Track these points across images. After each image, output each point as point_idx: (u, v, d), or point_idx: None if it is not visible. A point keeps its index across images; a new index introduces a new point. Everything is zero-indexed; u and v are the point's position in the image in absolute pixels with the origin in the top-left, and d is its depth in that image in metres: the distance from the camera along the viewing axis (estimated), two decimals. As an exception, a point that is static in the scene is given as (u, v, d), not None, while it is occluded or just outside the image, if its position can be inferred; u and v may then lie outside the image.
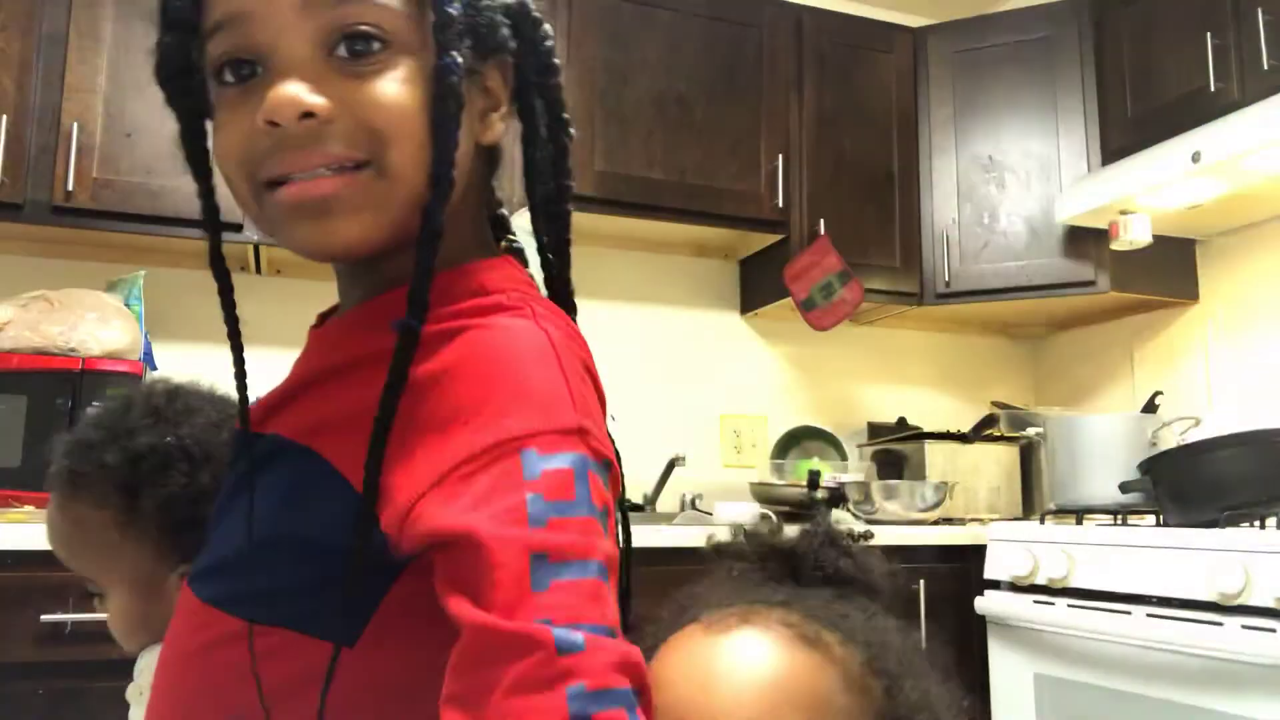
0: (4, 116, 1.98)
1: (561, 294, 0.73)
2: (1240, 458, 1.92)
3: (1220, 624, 1.64)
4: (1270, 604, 1.61)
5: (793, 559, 0.70)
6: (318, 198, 0.56)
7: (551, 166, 0.72)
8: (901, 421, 2.88)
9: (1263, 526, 1.89)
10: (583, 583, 0.48)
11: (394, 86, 0.56)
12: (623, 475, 0.60)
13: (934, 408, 3.04)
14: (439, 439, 0.52)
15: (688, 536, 1.93)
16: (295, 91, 0.54)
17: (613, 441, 0.58)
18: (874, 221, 2.70)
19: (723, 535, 0.75)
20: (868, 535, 0.74)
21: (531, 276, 0.70)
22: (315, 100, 0.55)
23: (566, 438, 0.52)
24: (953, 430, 2.69)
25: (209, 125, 0.64)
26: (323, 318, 0.74)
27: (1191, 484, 1.96)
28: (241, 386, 0.67)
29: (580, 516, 0.50)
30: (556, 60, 0.67)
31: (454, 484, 0.50)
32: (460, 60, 0.57)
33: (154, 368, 2.18)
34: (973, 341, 3.17)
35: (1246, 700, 1.58)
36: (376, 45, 0.56)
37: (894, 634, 0.66)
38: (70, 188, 2.01)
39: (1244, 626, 1.61)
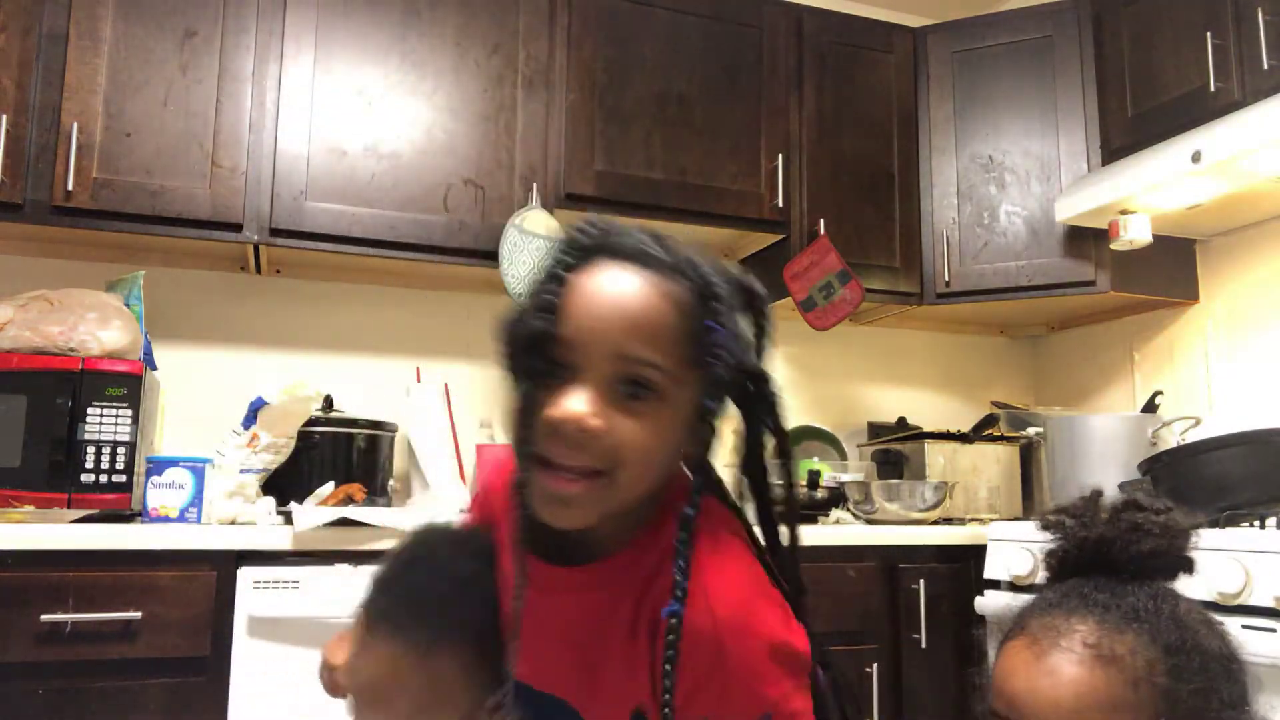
0: (4, 116, 1.98)
1: (784, 565, 0.89)
2: (1240, 458, 1.92)
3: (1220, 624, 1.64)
4: (1270, 604, 1.61)
5: (1103, 545, 0.79)
6: (563, 494, 0.77)
7: (780, 470, 0.89)
8: (901, 421, 2.88)
9: (1263, 526, 1.89)
10: None
11: (649, 427, 0.77)
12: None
13: (934, 408, 3.04)
14: (704, 699, 0.75)
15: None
16: (582, 412, 0.75)
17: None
18: (874, 221, 2.70)
19: (1051, 513, 0.86)
20: (1168, 509, 0.80)
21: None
22: (593, 424, 0.75)
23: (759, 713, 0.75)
24: (953, 430, 2.69)
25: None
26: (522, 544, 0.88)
27: (1191, 484, 1.96)
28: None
29: None
30: (779, 403, 0.86)
31: None
32: (715, 408, 0.81)
33: (154, 368, 2.18)
34: (973, 341, 3.17)
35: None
36: (649, 394, 0.77)
37: (1193, 628, 0.75)
38: (70, 188, 2.01)
39: (1244, 626, 1.61)
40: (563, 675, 0.84)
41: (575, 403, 0.75)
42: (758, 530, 0.91)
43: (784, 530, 0.90)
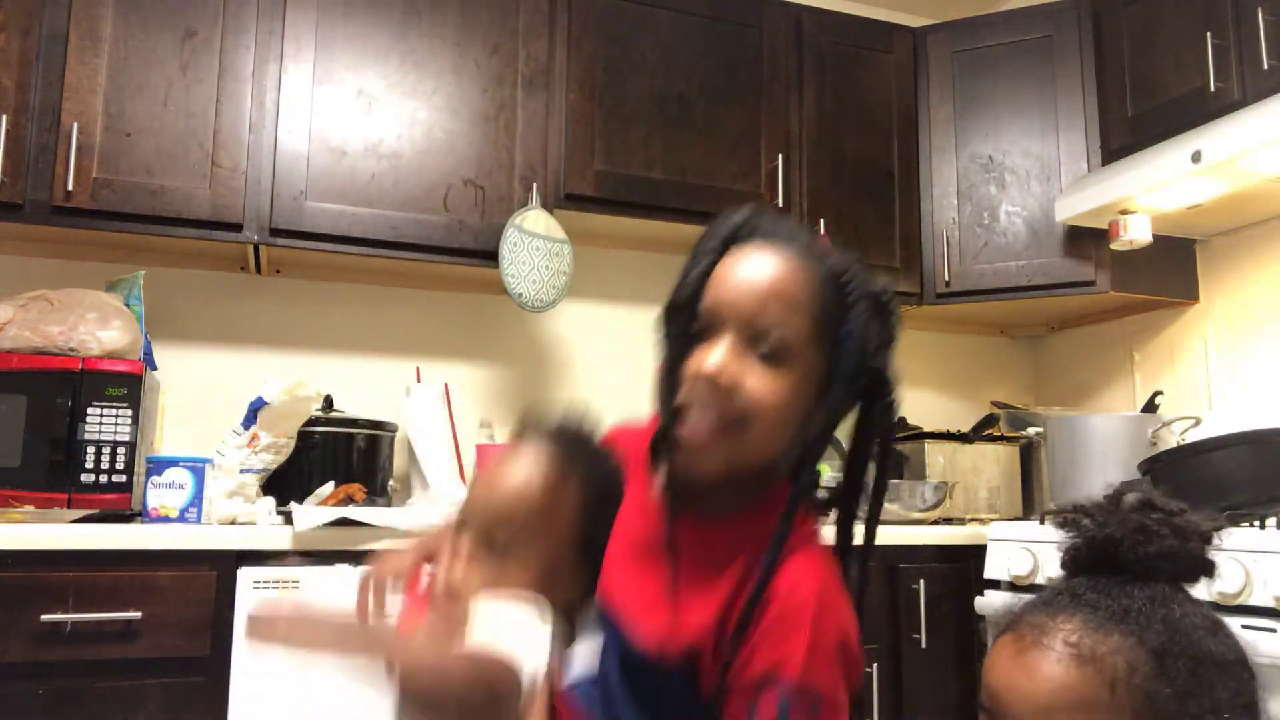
0: (4, 116, 1.98)
1: (861, 558, 0.98)
2: (1240, 458, 1.92)
3: (1220, 624, 1.64)
4: (1270, 604, 1.61)
5: (1110, 544, 0.78)
6: (700, 442, 0.85)
7: (879, 458, 0.96)
8: (901, 421, 2.88)
9: (1263, 526, 1.89)
10: None
11: (781, 387, 0.84)
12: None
13: (934, 408, 3.04)
14: (747, 666, 0.80)
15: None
16: (724, 364, 0.84)
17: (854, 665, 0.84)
18: (874, 221, 2.70)
19: (1070, 510, 0.85)
20: (1181, 510, 0.79)
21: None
22: (729, 377, 0.83)
23: (810, 697, 0.78)
24: (953, 430, 2.69)
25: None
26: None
27: (1191, 484, 1.96)
28: None
29: None
30: (896, 403, 0.92)
31: (739, 695, 0.80)
32: (840, 395, 0.87)
33: (153, 368, 2.18)
34: (973, 341, 3.17)
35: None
36: (781, 358, 0.84)
37: (1188, 631, 0.73)
38: (70, 188, 2.01)
39: (1244, 626, 1.61)
40: (638, 594, 0.89)
41: (715, 357, 0.84)
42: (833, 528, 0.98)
43: (861, 532, 0.97)
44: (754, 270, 0.87)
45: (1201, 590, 0.81)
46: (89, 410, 1.90)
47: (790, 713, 0.77)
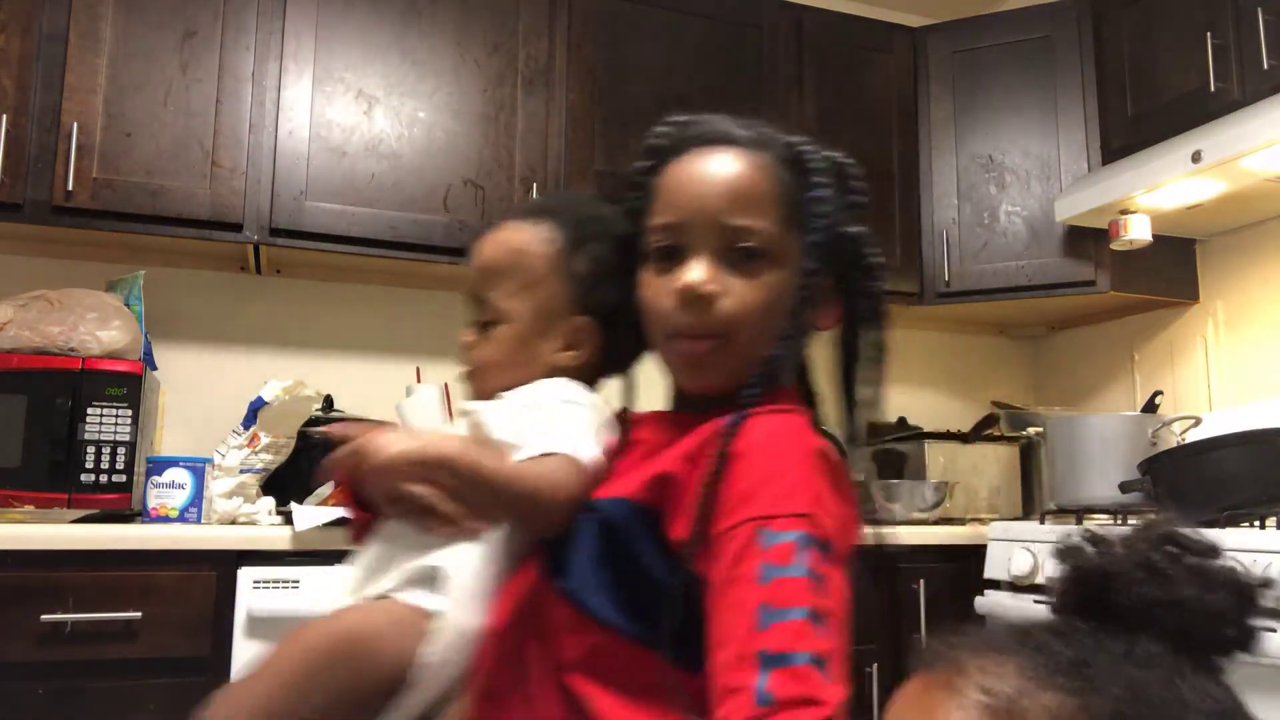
0: (4, 116, 1.98)
1: (851, 437, 0.95)
2: (1240, 458, 1.92)
3: (1220, 624, 1.64)
4: (1270, 604, 1.61)
5: (1102, 580, 0.59)
6: (695, 355, 0.84)
7: (873, 346, 0.94)
8: (901, 421, 2.88)
9: (1263, 526, 1.89)
10: (791, 624, 0.67)
11: (760, 289, 0.83)
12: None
13: (934, 408, 3.03)
14: (722, 506, 0.75)
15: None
16: (701, 277, 0.82)
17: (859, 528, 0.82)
18: (874, 221, 2.67)
19: (1083, 535, 0.64)
20: (1212, 551, 0.59)
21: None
22: (711, 285, 0.82)
23: (796, 520, 0.71)
24: (953, 430, 2.69)
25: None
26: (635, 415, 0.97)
27: (1191, 484, 1.96)
28: None
29: (795, 577, 0.69)
30: (879, 265, 0.91)
31: (722, 544, 0.72)
32: (814, 267, 0.85)
33: (153, 367, 2.18)
34: (973, 341, 3.17)
35: (1246, 700, 1.58)
36: (757, 256, 0.83)
37: (1161, 705, 0.53)
38: (70, 188, 2.01)
39: (1244, 626, 1.61)
40: (617, 473, 0.86)
41: (692, 273, 0.82)
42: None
43: (860, 402, 0.95)
44: (707, 175, 0.85)
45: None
46: (89, 410, 1.90)
47: (775, 543, 0.70)
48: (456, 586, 0.84)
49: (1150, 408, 2.46)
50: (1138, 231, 2.34)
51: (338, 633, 0.83)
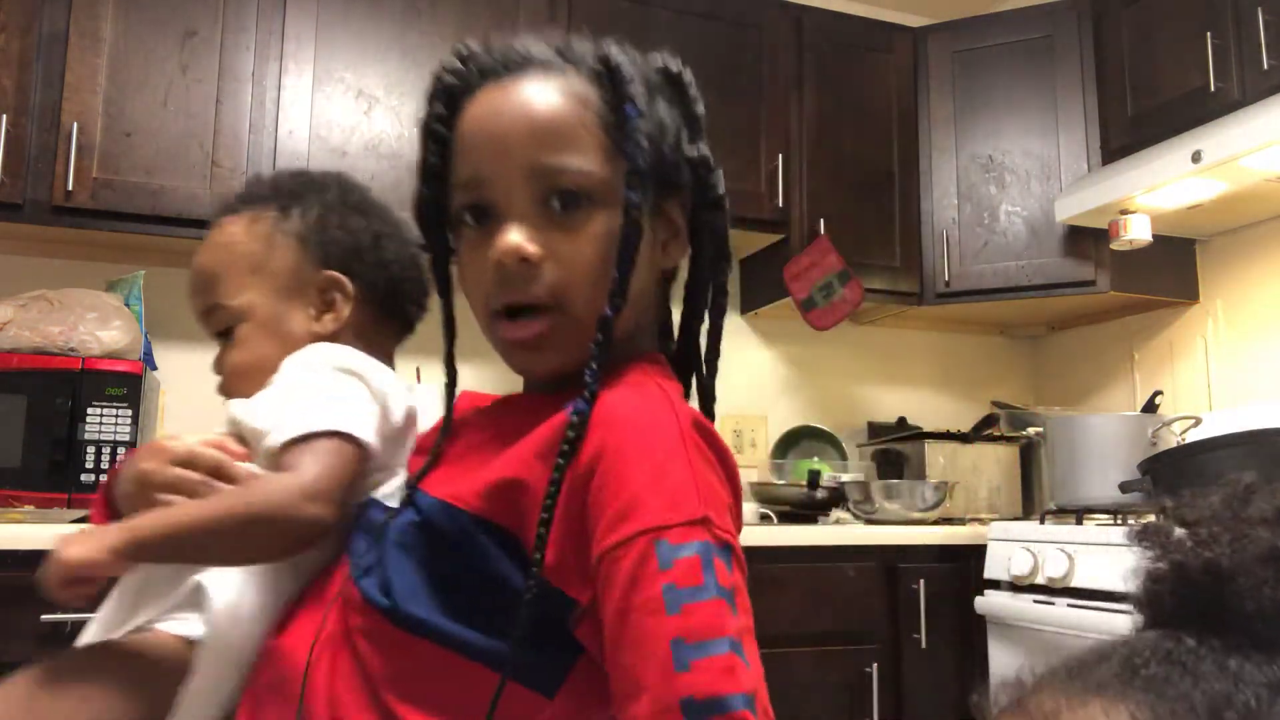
0: (4, 116, 1.98)
1: (706, 401, 0.81)
2: (1240, 458, 1.91)
3: (1220, 624, 1.64)
4: None
5: (1216, 578, 0.43)
6: (528, 338, 0.71)
7: (713, 282, 0.81)
8: (901, 421, 2.89)
9: (1263, 526, 1.89)
10: (717, 659, 0.56)
11: (588, 239, 0.70)
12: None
13: (934, 408, 3.04)
14: (598, 521, 0.62)
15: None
16: (518, 241, 0.68)
17: (738, 520, 0.67)
18: (874, 221, 2.70)
19: (1169, 511, 0.49)
20: None
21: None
22: (530, 248, 0.69)
23: (693, 529, 0.60)
24: (953, 430, 2.69)
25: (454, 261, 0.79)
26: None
27: (1191, 484, 1.94)
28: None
29: (709, 600, 0.58)
30: (724, 198, 0.78)
31: (607, 566, 0.60)
32: (639, 199, 0.69)
33: (154, 367, 2.18)
34: (973, 341, 3.17)
35: None
36: (582, 200, 0.70)
37: None
38: (70, 188, 2.01)
39: (1244, 626, 1.61)
40: (446, 464, 0.75)
41: (508, 237, 0.69)
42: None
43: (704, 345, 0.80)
44: (504, 115, 0.71)
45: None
46: (89, 410, 1.90)
47: (676, 560, 0.58)
48: (222, 606, 0.72)
49: (1150, 408, 2.46)
50: (1138, 231, 2.35)
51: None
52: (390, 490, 0.78)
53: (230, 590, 0.72)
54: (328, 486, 0.71)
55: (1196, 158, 2.10)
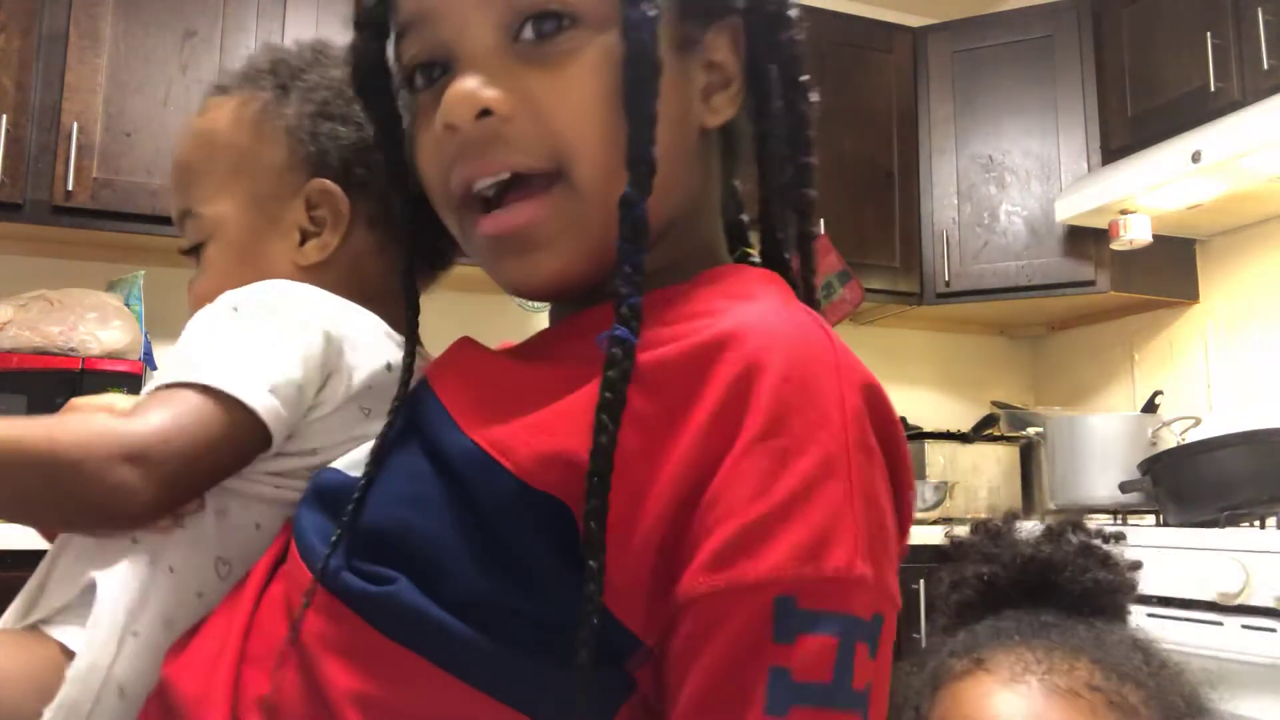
0: (4, 116, 1.98)
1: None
2: (1240, 458, 1.92)
3: (1220, 624, 1.64)
4: (1270, 604, 1.61)
5: (1048, 570, 0.60)
6: (514, 229, 0.49)
7: (788, 145, 0.61)
8: (901, 421, 2.88)
9: (1263, 526, 1.89)
10: None
11: (581, 74, 0.48)
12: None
13: (934, 408, 3.03)
14: (706, 535, 0.40)
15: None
16: (470, 87, 0.48)
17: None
18: (874, 221, 2.70)
19: (962, 530, 0.66)
20: (1120, 536, 0.63)
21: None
22: (489, 94, 0.48)
23: (840, 590, 0.40)
24: (953, 430, 2.69)
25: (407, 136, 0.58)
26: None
27: (1191, 484, 1.96)
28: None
29: (830, 711, 0.39)
30: (793, 12, 0.57)
31: (703, 619, 0.40)
32: (653, 14, 0.47)
33: (154, 368, 2.18)
34: (973, 341, 3.17)
35: (1246, 700, 1.58)
36: (565, 22, 0.48)
37: (1179, 682, 0.57)
38: (70, 188, 2.01)
39: (1244, 626, 1.61)
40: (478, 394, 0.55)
41: (457, 84, 0.48)
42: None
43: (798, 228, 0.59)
44: None
45: (1201, 589, 0.73)
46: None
47: (802, 637, 0.39)
48: (106, 614, 0.53)
49: (1150, 408, 2.46)
50: (1138, 231, 2.35)
51: None
52: (354, 460, 0.57)
53: (127, 593, 0.54)
54: (162, 453, 0.50)
55: (1196, 158, 2.10)
